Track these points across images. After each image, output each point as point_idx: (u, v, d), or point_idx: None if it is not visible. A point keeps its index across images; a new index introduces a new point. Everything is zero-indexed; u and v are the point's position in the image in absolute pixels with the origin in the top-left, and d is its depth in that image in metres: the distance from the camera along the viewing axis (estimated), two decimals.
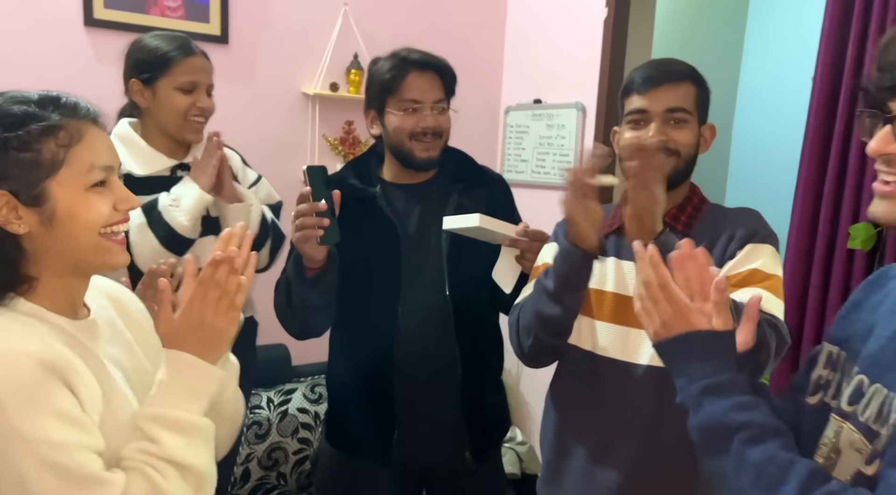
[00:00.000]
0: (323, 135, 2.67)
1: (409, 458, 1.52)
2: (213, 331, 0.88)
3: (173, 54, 1.58)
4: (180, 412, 0.84)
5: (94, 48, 2.22)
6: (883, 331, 0.79)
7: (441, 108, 1.50)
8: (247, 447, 2.40)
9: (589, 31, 2.53)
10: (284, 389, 2.55)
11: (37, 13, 2.15)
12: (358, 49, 2.63)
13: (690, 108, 1.22)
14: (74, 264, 0.87)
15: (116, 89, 1.65)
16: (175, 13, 2.33)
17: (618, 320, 1.24)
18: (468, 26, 2.87)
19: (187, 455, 0.83)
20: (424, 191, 1.53)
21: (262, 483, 2.44)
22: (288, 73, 2.58)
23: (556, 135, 2.71)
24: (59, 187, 0.83)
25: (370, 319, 1.51)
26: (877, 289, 0.87)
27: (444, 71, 1.51)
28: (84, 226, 0.85)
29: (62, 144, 0.83)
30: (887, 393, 0.73)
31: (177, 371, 0.86)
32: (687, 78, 1.23)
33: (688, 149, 1.22)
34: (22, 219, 0.82)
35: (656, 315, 0.86)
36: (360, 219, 1.45)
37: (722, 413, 0.77)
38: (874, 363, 0.78)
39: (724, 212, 1.27)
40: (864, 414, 0.76)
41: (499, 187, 1.64)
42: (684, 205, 1.27)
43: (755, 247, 1.18)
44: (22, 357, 0.76)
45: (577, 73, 2.61)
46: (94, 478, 0.77)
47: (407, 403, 1.49)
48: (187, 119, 1.61)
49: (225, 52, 2.42)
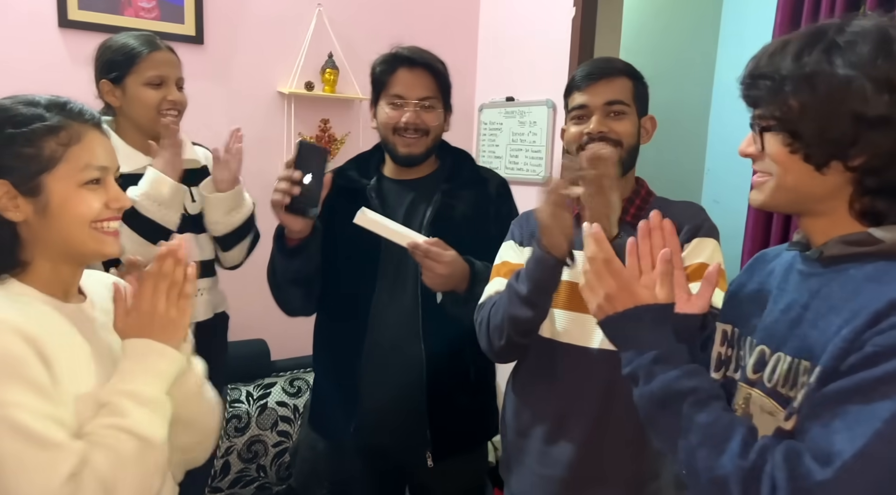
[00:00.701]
0: (299, 133, 2.71)
1: (374, 450, 1.55)
2: (166, 320, 0.94)
3: (138, 50, 1.61)
4: (146, 387, 0.91)
5: (69, 49, 2.25)
6: (776, 305, 0.88)
7: (426, 106, 1.50)
8: (227, 440, 2.44)
9: (558, 31, 2.60)
10: (264, 383, 2.59)
11: (10, 14, 2.17)
12: (332, 48, 2.67)
13: (628, 101, 1.29)
14: (65, 251, 0.95)
15: (91, 90, 1.67)
16: (149, 14, 2.36)
17: (572, 307, 1.30)
18: (442, 26, 2.92)
19: (150, 429, 0.89)
20: (416, 187, 1.56)
21: (242, 475, 2.48)
22: (263, 73, 2.62)
23: (529, 131, 2.78)
24: (55, 181, 0.91)
25: (347, 307, 1.54)
26: (758, 271, 0.97)
27: (434, 69, 1.51)
28: (74, 219, 0.93)
29: (62, 143, 0.92)
30: (792, 360, 0.81)
31: (137, 354, 0.92)
32: (623, 73, 1.31)
33: (629, 139, 1.30)
34: (19, 208, 0.90)
35: (600, 288, 0.92)
36: (351, 209, 1.48)
37: (674, 380, 0.84)
38: (772, 334, 0.86)
39: (669, 205, 1.33)
40: (771, 381, 0.84)
41: (492, 188, 1.62)
42: (632, 198, 1.33)
43: (700, 242, 1.25)
44: (3, 326, 0.83)
45: (548, 72, 2.67)
46: (54, 443, 0.82)
47: (370, 394, 1.52)
48: (160, 113, 1.63)
49: (200, 52, 2.45)
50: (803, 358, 0.79)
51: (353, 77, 2.70)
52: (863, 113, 0.75)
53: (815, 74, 0.77)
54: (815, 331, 0.79)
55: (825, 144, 0.78)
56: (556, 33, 2.61)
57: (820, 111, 0.77)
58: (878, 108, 0.74)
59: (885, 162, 0.77)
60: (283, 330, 2.72)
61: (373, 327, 1.51)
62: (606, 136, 1.28)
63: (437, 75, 1.52)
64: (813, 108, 0.77)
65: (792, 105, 0.78)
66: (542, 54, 2.71)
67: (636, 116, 1.31)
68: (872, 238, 0.79)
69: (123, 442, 0.86)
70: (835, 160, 0.78)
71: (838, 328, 0.75)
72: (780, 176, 0.83)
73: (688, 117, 3.58)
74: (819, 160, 0.79)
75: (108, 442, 0.86)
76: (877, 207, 0.80)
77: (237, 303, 1.95)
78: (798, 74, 0.78)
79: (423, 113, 1.50)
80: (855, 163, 0.78)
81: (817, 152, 0.79)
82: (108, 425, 0.87)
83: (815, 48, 0.78)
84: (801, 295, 0.84)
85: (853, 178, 0.79)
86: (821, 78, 0.77)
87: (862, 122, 0.75)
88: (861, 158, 0.77)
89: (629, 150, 1.30)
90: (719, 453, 0.77)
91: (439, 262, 1.38)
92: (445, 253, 1.39)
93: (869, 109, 0.75)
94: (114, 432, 0.86)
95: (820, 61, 0.77)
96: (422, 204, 1.53)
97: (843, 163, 0.78)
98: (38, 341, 0.86)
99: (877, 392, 0.70)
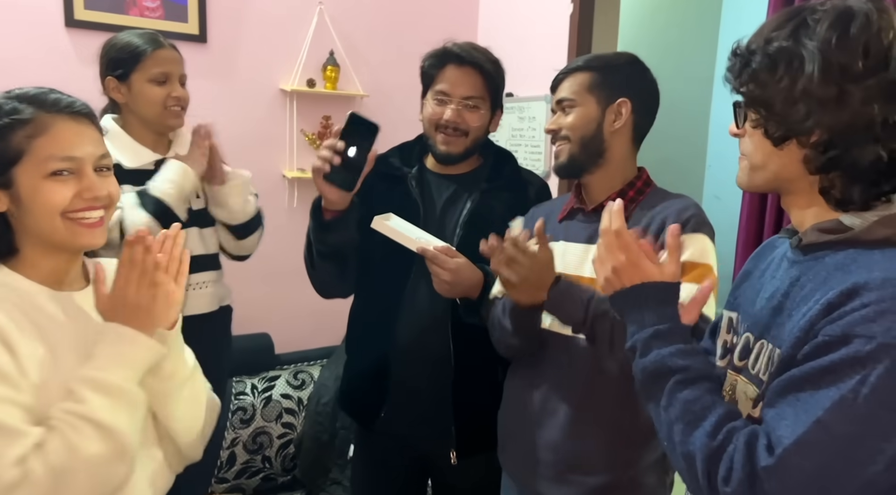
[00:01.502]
0: (301, 130, 2.75)
1: (400, 438, 1.56)
2: (135, 307, 0.94)
3: (143, 48, 1.64)
4: (108, 374, 0.89)
5: (76, 48, 2.29)
6: (764, 294, 0.89)
7: (470, 105, 1.48)
8: (232, 432, 2.48)
9: (556, 26, 2.63)
10: (268, 376, 2.63)
11: (18, 15, 2.22)
12: (333, 46, 2.70)
13: (576, 96, 1.33)
14: (47, 241, 0.96)
15: (97, 88, 1.72)
16: (154, 13, 2.40)
17: None
18: (441, 23, 2.94)
19: (108, 416, 0.87)
20: (456, 183, 1.55)
21: (247, 466, 2.53)
22: (265, 71, 2.65)
23: (528, 127, 2.81)
24: (23, 174, 0.93)
25: (381, 293, 1.55)
26: (763, 258, 0.97)
27: (483, 68, 1.48)
28: (43, 210, 0.93)
29: (27, 135, 0.92)
30: (772, 348, 0.82)
31: (108, 340, 0.92)
32: (577, 69, 1.34)
33: (573, 132, 1.32)
34: (0, 200, 0.93)
35: (608, 261, 0.94)
36: (390, 195, 1.51)
37: (667, 356, 0.86)
38: (756, 322, 0.88)
39: (662, 198, 1.34)
40: (755, 368, 0.86)
41: (532, 192, 1.59)
42: (625, 190, 1.35)
43: (686, 238, 1.22)
44: None
45: (546, 67, 2.69)
46: (8, 428, 0.82)
47: (398, 386, 1.52)
48: (165, 108, 1.67)
49: (203, 50, 2.49)
50: (777, 347, 0.81)
51: (353, 74, 2.74)
52: (811, 91, 0.76)
53: (778, 52, 0.78)
54: (789, 320, 0.80)
55: (781, 121, 0.79)
56: (554, 29, 2.64)
57: (776, 88, 0.78)
58: (826, 88, 0.75)
59: (835, 140, 0.77)
60: (286, 324, 2.78)
61: (404, 316, 1.50)
62: (556, 133, 1.34)
63: (486, 75, 1.49)
64: (771, 85, 0.79)
65: (758, 81, 0.80)
66: (541, 50, 2.73)
67: (595, 106, 1.32)
68: (843, 225, 0.79)
69: (80, 429, 0.85)
70: (791, 136, 0.79)
71: (803, 316, 0.76)
72: (751, 154, 0.85)
73: (688, 113, 3.58)
74: (775, 135, 0.80)
75: (63, 428, 0.85)
76: (838, 189, 0.80)
77: (241, 297, 1.99)
78: (764, 51, 0.79)
79: (466, 112, 1.48)
80: (811, 140, 0.78)
81: (773, 128, 0.80)
82: (67, 411, 0.86)
83: (788, 25, 0.79)
84: (783, 283, 0.85)
85: (807, 156, 0.80)
86: (782, 55, 0.78)
87: (813, 100, 0.76)
88: (815, 136, 0.78)
89: (579, 141, 1.32)
90: (692, 429, 0.80)
91: (444, 269, 1.37)
92: (451, 260, 1.38)
93: (817, 89, 0.75)
94: (71, 418, 0.86)
95: (787, 38, 0.78)
96: (460, 201, 1.53)
97: (797, 141, 0.79)
98: (3, 329, 0.87)
99: (823, 381, 0.71)
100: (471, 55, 1.48)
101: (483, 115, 1.51)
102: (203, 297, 1.77)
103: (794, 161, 0.81)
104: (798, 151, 0.80)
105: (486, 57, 1.51)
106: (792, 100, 0.77)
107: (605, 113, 1.32)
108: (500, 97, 1.55)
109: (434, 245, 1.40)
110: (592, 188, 1.36)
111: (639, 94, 1.33)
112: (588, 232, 1.35)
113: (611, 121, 1.32)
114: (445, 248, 1.40)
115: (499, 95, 1.54)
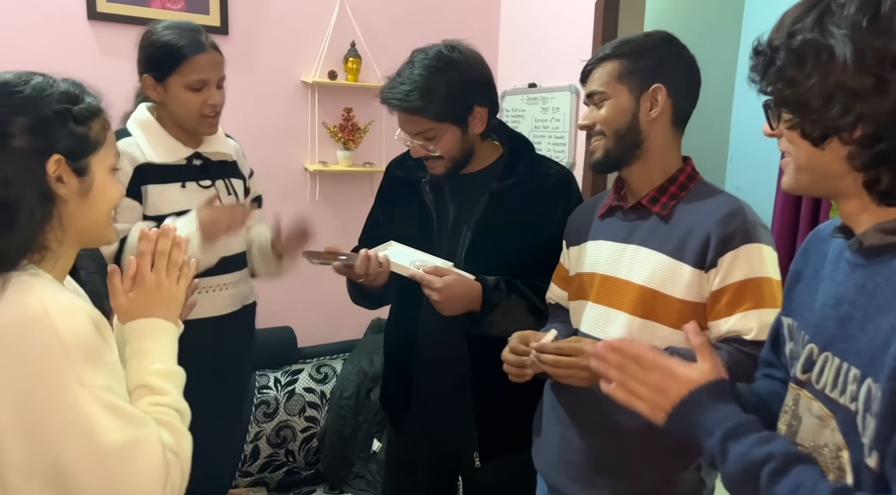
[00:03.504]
0: (322, 122, 2.73)
1: (423, 436, 1.58)
2: (170, 295, 0.98)
3: (182, 52, 1.58)
4: (173, 365, 0.95)
5: (98, 41, 2.29)
6: (826, 300, 0.81)
7: (426, 136, 1.41)
8: (256, 425, 2.48)
9: (580, 15, 2.58)
10: (291, 370, 2.63)
11: (41, 8, 2.22)
12: (355, 37, 2.68)
13: (606, 87, 1.25)
14: (87, 235, 0.95)
15: (121, 81, 1.69)
16: (175, 5, 2.39)
17: (601, 300, 1.30)
18: (462, 13, 2.91)
19: (181, 401, 0.94)
20: (472, 183, 1.49)
21: (271, 460, 2.53)
22: (287, 63, 2.64)
23: (552, 118, 2.76)
24: (98, 164, 0.92)
25: (402, 302, 1.58)
26: (813, 254, 0.90)
27: (419, 109, 1.38)
28: (107, 203, 0.94)
29: (104, 126, 0.93)
30: (840, 363, 0.75)
31: (153, 336, 0.95)
32: (606, 57, 1.27)
33: (607, 126, 1.25)
34: (66, 185, 0.89)
35: (642, 387, 0.86)
36: (409, 203, 1.51)
37: (746, 451, 0.77)
38: (821, 332, 0.81)
39: (706, 199, 1.25)
40: (819, 383, 0.79)
41: (550, 184, 1.51)
42: (665, 186, 1.27)
43: (734, 256, 1.17)
44: (80, 311, 0.84)
45: (571, 57, 2.65)
46: (142, 419, 0.85)
47: (421, 390, 1.54)
48: (201, 116, 1.62)
49: (225, 42, 2.47)
50: (853, 364, 0.73)
51: (375, 66, 2.71)
52: (846, 83, 0.69)
53: (803, 44, 0.72)
54: (863, 334, 0.72)
55: (818, 119, 0.73)
56: (578, 18, 2.59)
57: (808, 85, 0.72)
58: (862, 78, 0.69)
59: (881, 132, 0.70)
60: (309, 318, 2.77)
61: (423, 323, 1.51)
62: (591, 129, 1.28)
63: (424, 111, 1.38)
64: (801, 82, 0.72)
65: (785, 77, 0.74)
66: (565, 39, 2.69)
67: (627, 95, 1.25)
68: None
69: (174, 417, 0.91)
70: (831, 134, 0.73)
71: (887, 335, 0.69)
72: (794, 155, 0.79)
73: (711, 103, 3.49)
74: (815, 135, 0.74)
75: (165, 419, 0.89)
76: (885, 183, 0.73)
77: (264, 292, 1.98)
78: (788, 45, 0.73)
79: (427, 143, 1.42)
80: (854, 136, 0.72)
81: (811, 128, 0.74)
82: (157, 403, 0.90)
83: (811, 14, 0.72)
84: (847, 289, 0.77)
85: (852, 152, 0.73)
86: (808, 49, 0.71)
87: (850, 93, 0.70)
88: (858, 131, 0.71)
89: (614, 136, 1.25)
90: None
91: (432, 290, 1.36)
92: (438, 279, 1.36)
93: (852, 80, 0.69)
94: (166, 409, 0.90)
95: (811, 29, 0.72)
96: (474, 202, 1.48)
97: (839, 138, 0.73)
98: (102, 324, 0.87)
99: None
100: (401, 103, 1.38)
101: (446, 137, 1.41)
102: (225, 298, 1.76)
103: (837, 159, 0.74)
104: (841, 149, 0.73)
105: (423, 90, 1.37)
106: (826, 95, 0.71)
107: (639, 102, 1.25)
108: (462, 108, 1.42)
109: (431, 265, 1.40)
110: (633, 181, 1.30)
111: (674, 77, 1.25)
112: (626, 230, 1.29)
113: (646, 109, 1.24)
114: (434, 269, 1.38)
115: (456, 111, 1.41)
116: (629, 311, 1.24)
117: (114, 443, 0.80)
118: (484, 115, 1.45)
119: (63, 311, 0.82)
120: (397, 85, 1.40)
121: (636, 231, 1.27)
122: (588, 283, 1.33)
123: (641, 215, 1.28)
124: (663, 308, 1.21)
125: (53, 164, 0.87)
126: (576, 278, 1.38)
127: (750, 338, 1.14)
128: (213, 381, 1.76)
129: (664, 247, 1.22)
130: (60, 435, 0.80)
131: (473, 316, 1.41)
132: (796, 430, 0.84)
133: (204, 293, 1.71)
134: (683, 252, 1.20)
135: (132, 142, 1.61)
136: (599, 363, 0.91)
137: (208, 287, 1.71)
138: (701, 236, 1.19)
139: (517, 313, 1.43)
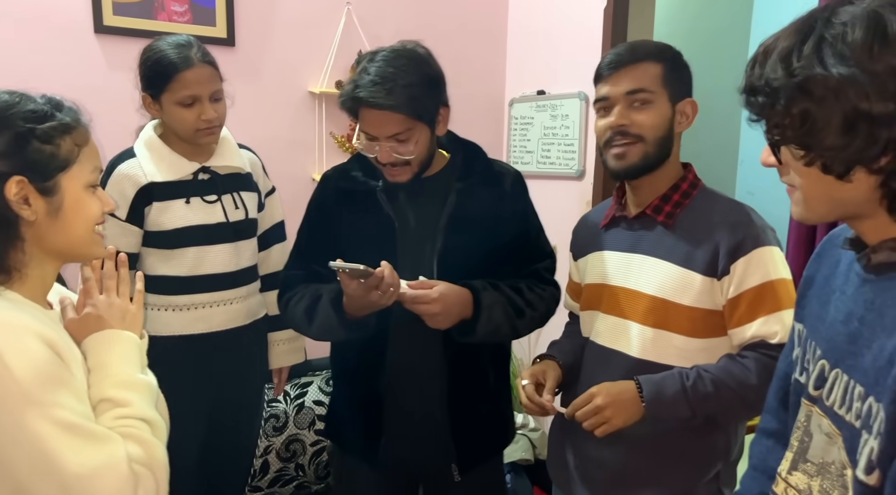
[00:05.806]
0: (330, 132, 2.72)
1: (398, 461, 1.49)
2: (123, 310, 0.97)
3: (169, 70, 1.56)
4: (135, 374, 0.93)
5: (105, 55, 2.28)
6: (837, 315, 0.80)
7: (400, 138, 1.33)
8: (265, 439, 2.45)
9: (589, 20, 2.56)
10: (300, 382, 2.60)
11: (48, 22, 2.21)
12: (362, 46, 2.66)
13: (653, 87, 1.19)
14: (63, 254, 0.94)
15: (128, 94, 1.69)
16: (182, 18, 2.38)
17: (612, 311, 1.29)
18: (470, 21, 2.90)
19: (147, 410, 0.91)
20: (428, 187, 1.44)
21: (281, 474, 2.50)
22: (294, 73, 2.62)
23: (561, 125, 2.74)
24: (69, 182, 0.90)
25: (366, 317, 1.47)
26: (825, 261, 0.88)
27: (401, 106, 1.29)
28: (84, 221, 0.92)
29: (77, 143, 0.91)
30: (848, 380, 0.74)
31: (109, 346, 0.93)
32: (648, 57, 1.21)
33: (652, 131, 1.20)
34: (32, 207, 0.88)
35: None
36: (361, 213, 1.42)
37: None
38: (832, 347, 0.79)
39: (711, 206, 1.24)
40: (829, 399, 0.78)
41: (507, 185, 1.50)
42: (669, 195, 1.25)
43: (747, 262, 1.16)
44: (27, 331, 0.82)
45: (580, 63, 2.63)
46: (105, 435, 0.83)
47: (394, 407, 1.45)
48: (196, 131, 1.61)
49: (232, 54, 2.47)
50: (858, 382, 0.73)
51: None
52: (869, 111, 0.66)
53: (807, 80, 0.68)
54: (869, 352, 0.71)
55: (839, 153, 0.69)
56: (587, 23, 2.57)
57: (824, 119, 0.68)
58: (883, 104, 0.65)
59: None
60: None
61: (395, 340, 1.43)
62: (627, 130, 1.20)
63: (404, 108, 1.30)
64: (814, 116, 0.69)
65: (793, 116, 0.70)
66: (574, 45, 2.67)
67: (667, 102, 1.21)
68: None
69: (141, 428, 0.88)
70: (857, 165, 0.69)
71: (891, 355, 0.67)
72: (805, 188, 0.75)
73: (721, 106, 3.47)
74: (839, 169, 0.70)
75: (131, 432, 0.87)
76: None
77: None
78: (790, 84, 0.69)
79: (399, 146, 1.34)
80: (881, 164, 0.69)
81: (834, 162, 0.70)
82: (121, 416, 0.88)
83: (804, 48, 0.69)
84: (857, 304, 0.76)
85: (880, 181, 0.70)
86: (815, 83, 0.68)
87: (872, 120, 0.66)
88: (886, 158, 0.68)
89: (656, 142, 1.21)
90: None
91: (428, 303, 1.30)
92: (433, 291, 1.31)
93: (875, 106, 0.66)
94: (130, 421, 0.88)
95: (810, 64, 0.68)
96: (435, 205, 1.42)
97: (866, 168, 0.69)
98: (54, 343, 0.85)
99: None
100: (382, 102, 1.28)
101: (420, 139, 1.36)
102: (234, 312, 1.74)
103: (863, 188, 0.71)
104: (867, 178, 0.70)
105: (404, 88, 1.29)
106: (845, 128, 0.67)
107: (675, 110, 1.22)
108: (433, 107, 1.37)
109: (404, 284, 1.31)
110: (643, 190, 1.28)
111: (690, 93, 1.25)
112: (631, 240, 1.28)
113: (678, 121, 1.22)
114: (419, 283, 1.33)
115: (430, 109, 1.36)
116: (641, 321, 1.23)
117: (73, 463, 0.79)
118: (446, 115, 1.43)
119: (8, 333, 0.80)
120: (372, 83, 1.28)
121: (641, 241, 1.26)
122: (598, 294, 1.32)
123: (646, 225, 1.27)
124: (675, 317, 1.20)
125: (15, 186, 0.85)
126: (585, 289, 1.38)
127: (775, 341, 1.14)
128: (222, 395, 1.74)
129: (672, 256, 1.21)
130: (14, 458, 0.79)
131: (465, 322, 1.36)
132: (807, 447, 0.82)
133: (214, 307, 1.70)
134: (693, 260, 1.19)
135: (135, 164, 1.60)
136: None
137: (218, 301, 1.70)
138: (710, 244, 1.18)
139: (504, 314, 1.39)
